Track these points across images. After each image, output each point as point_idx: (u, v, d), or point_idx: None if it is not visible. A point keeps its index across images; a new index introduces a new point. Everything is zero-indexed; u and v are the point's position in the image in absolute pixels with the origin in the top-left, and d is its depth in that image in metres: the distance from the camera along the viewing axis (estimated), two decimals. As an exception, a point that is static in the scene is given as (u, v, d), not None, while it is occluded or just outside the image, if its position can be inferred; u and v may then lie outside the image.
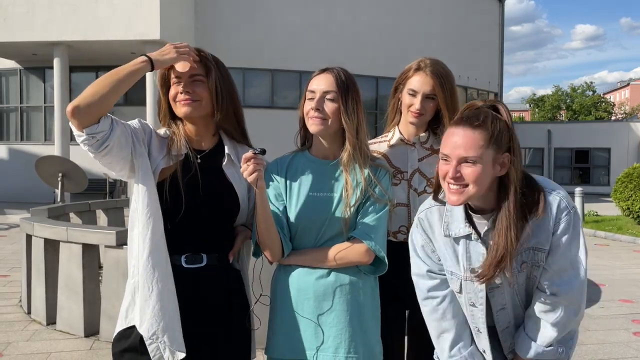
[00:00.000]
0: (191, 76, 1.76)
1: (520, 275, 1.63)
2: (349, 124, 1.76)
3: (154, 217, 1.68)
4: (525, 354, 1.66)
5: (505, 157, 1.54)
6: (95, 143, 1.59)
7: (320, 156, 1.85)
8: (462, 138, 1.52)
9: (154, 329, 1.67)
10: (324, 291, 1.75)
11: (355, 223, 1.78)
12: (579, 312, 1.64)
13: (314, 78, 1.82)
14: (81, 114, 1.55)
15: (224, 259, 1.82)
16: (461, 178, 1.51)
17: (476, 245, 1.63)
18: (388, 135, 2.19)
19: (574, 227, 1.57)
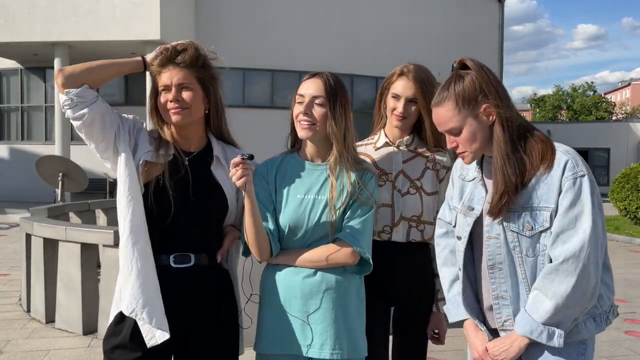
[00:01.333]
0: (180, 84, 1.80)
1: (523, 238, 1.62)
2: (336, 130, 1.82)
3: (134, 200, 1.75)
4: (519, 330, 1.62)
5: (485, 107, 1.63)
6: (74, 107, 1.71)
7: (309, 159, 1.91)
8: (437, 117, 1.70)
9: (132, 306, 1.73)
10: (310, 290, 1.81)
11: (342, 225, 1.84)
12: (583, 285, 1.53)
13: (303, 82, 1.88)
14: (65, 74, 1.72)
15: (212, 259, 1.88)
16: (458, 146, 1.69)
17: (480, 189, 1.75)
18: (374, 138, 2.25)
19: (579, 190, 1.55)
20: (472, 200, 1.76)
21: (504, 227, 1.64)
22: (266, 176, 1.90)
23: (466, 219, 1.75)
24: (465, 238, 1.75)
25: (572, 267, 1.53)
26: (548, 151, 1.60)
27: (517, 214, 1.61)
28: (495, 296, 1.71)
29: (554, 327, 1.57)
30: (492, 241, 1.68)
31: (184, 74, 1.80)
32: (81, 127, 1.74)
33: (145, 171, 1.81)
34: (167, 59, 1.80)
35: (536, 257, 1.63)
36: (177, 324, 1.78)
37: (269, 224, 1.83)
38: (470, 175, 1.80)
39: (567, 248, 1.54)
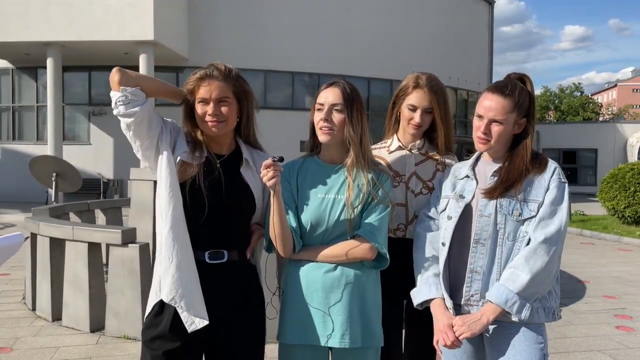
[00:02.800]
0: (218, 99, 1.92)
1: (509, 222, 1.92)
2: (353, 134, 1.95)
3: (175, 197, 1.87)
4: (494, 298, 1.87)
5: (523, 121, 1.99)
6: (127, 104, 1.83)
7: (328, 161, 2.04)
8: (494, 103, 1.94)
9: (172, 294, 1.85)
10: (331, 284, 1.94)
11: (360, 222, 1.97)
12: (552, 266, 1.87)
13: (322, 91, 2.00)
14: (124, 72, 1.86)
15: (242, 255, 2.00)
16: (489, 134, 1.96)
17: (470, 183, 2.05)
18: (387, 142, 2.41)
19: (561, 192, 1.93)
20: (463, 191, 2.06)
21: (497, 209, 1.94)
22: (288, 177, 2.03)
23: (458, 203, 2.04)
24: (456, 218, 2.02)
25: (547, 248, 1.87)
26: (544, 159, 2.01)
27: (510, 201, 1.94)
28: (471, 270, 1.97)
29: (524, 300, 1.86)
30: (483, 219, 1.97)
31: (222, 88, 1.93)
32: (131, 124, 1.86)
33: (180, 171, 1.93)
34: (205, 74, 1.93)
35: (514, 242, 1.93)
36: (213, 315, 1.90)
37: (292, 222, 1.96)
38: (462, 174, 2.11)
39: (546, 232, 1.88)
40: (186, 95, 1.97)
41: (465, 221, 2.01)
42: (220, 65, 1.97)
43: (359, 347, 1.94)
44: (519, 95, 1.95)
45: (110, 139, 16.80)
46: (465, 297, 1.98)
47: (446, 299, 1.99)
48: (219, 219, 1.94)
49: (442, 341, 1.94)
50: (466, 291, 1.98)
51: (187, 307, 1.86)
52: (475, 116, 2.00)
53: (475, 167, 2.09)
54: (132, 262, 4.29)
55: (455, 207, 2.04)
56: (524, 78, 2.02)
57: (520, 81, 2.01)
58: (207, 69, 1.95)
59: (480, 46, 22.59)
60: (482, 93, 2.02)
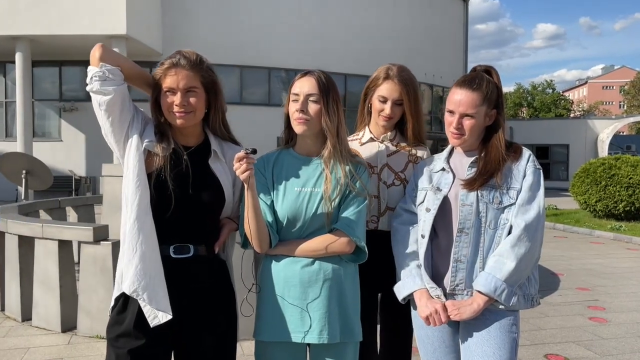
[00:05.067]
0: (185, 89, 1.85)
1: (490, 210, 1.96)
2: (330, 124, 1.91)
3: (142, 187, 1.81)
4: (483, 288, 1.89)
5: (494, 112, 2.02)
6: (104, 81, 1.78)
7: (304, 153, 2.00)
8: (464, 97, 1.97)
9: (134, 286, 1.79)
10: (309, 279, 1.90)
11: (338, 216, 1.93)
12: (535, 251, 1.91)
13: (297, 81, 1.96)
14: (106, 49, 1.81)
15: (210, 250, 1.94)
16: (462, 128, 1.99)
17: (447, 176, 2.07)
18: (359, 134, 2.40)
19: (537, 177, 1.98)
20: (440, 183, 2.08)
21: (478, 198, 1.97)
22: (263, 171, 1.98)
23: (435, 195, 2.05)
24: (434, 210, 2.02)
25: (530, 234, 1.90)
26: (518, 148, 2.06)
27: (491, 190, 1.97)
28: (455, 259, 1.98)
29: (511, 287, 1.90)
30: (465, 208, 1.98)
31: (190, 78, 1.86)
32: (103, 103, 1.79)
33: (147, 162, 1.86)
34: (172, 62, 1.86)
35: (495, 231, 1.96)
36: (178, 311, 1.84)
37: (268, 216, 1.91)
38: (437, 167, 2.13)
39: (527, 217, 1.92)
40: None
41: (444, 212, 2.03)
42: (189, 54, 1.89)
43: (338, 343, 1.91)
44: (487, 88, 1.99)
45: (82, 135, 16.46)
46: (450, 287, 2.00)
47: (434, 289, 1.99)
48: (185, 213, 1.88)
49: (433, 322, 1.96)
50: (451, 281, 2.00)
51: (150, 300, 1.79)
52: (447, 112, 2.02)
53: (450, 160, 2.12)
54: (104, 260, 4.18)
55: (434, 199, 2.04)
56: (490, 70, 2.06)
57: (487, 73, 2.05)
58: (174, 57, 1.87)
59: (456, 43, 22.78)
60: (451, 88, 2.04)
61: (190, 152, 1.94)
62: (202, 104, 1.92)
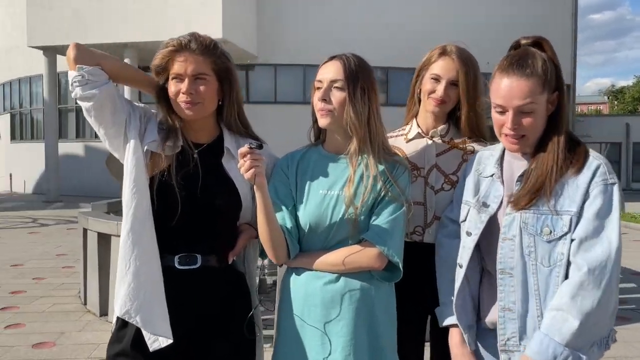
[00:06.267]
0: (194, 75, 1.66)
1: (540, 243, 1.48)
2: (354, 115, 1.62)
3: (139, 193, 1.62)
4: (537, 356, 1.41)
5: (555, 96, 1.53)
6: (84, 85, 1.60)
7: (333, 151, 1.73)
8: (516, 88, 1.48)
9: (126, 307, 1.61)
10: (331, 298, 1.63)
11: (369, 224, 1.64)
12: (607, 302, 1.40)
13: (321, 67, 1.69)
14: (81, 48, 1.61)
15: (223, 261, 1.73)
16: (520, 128, 1.50)
17: (497, 186, 1.61)
18: (406, 129, 2.04)
19: (609, 199, 1.44)
20: (487, 196, 1.62)
21: (521, 229, 1.50)
22: (286, 170, 1.74)
23: (479, 215, 1.61)
24: (476, 235, 1.61)
25: (598, 279, 1.39)
26: (582, 153, 1.51)
27: (536, 215, 1.49)
28: (502, 307, 1.55)
29: (577, 352, 1.40)
30: (506, 243, 1.53)
31: (200, 63, 1.66)
32: (91, 109, 1.63)
33: (150, 163, 1.68)
34: (181, 45, 1.66)
35: (552, 268, 1.48)
36: (181, 330, 1.64)
37: (287, 222, 1.66)
38: (487, 171, 1.66)
39: (591, 257, 1.41)
40: (159, 83, 1.70)
41: (491, 237, 1.59)
42: (202, 37, 1.69)
43: None
44: (543, 67, 1.49)
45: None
46: (501, 342, 1.55)
47: (466, 337, 1.63)
48: (193, 219, 1.67)
49: None
50: (500, 334, 1.55)
51: (144, 323, 1.60)
52: (494, 107, 1.54)
53: (504, 161, 1.64)
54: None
55: (476, 220, 1.61)
56: (540, 41, 1.57)
57: (535, 46, 1.56)
58: (183, 39, 1.66)
59: (563, 36, 21.04)
60: (494, 74, 1.54)
61: (201, 151, 1.73)
62: (213, 94, 1.70)
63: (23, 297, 5.51)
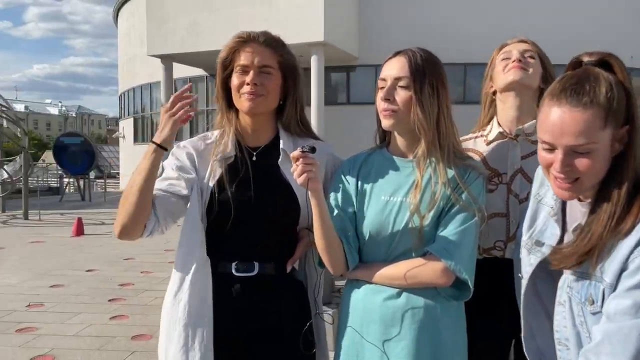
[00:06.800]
0: (260, 66, 1.61)
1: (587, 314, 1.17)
2: (422, 116, 1.47)
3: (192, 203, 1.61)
4: None
5: (624, 131, 1.16)
6: (157, 234, 1.60)
7: (398, 154, 1.58)
8: (569, 121, 1.13)
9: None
10: (392, 315, 1.48)
11: (435, 235, 1.48)
12: None
13: (385, 63, 1.56)
14: (128, 235, 1.56)
15: (280, 268, 1.65)
16: (572, 171, 1.16)
17: (553, 225, 1.30)
18: (486, 129, 1.83)
19: None
20: (543, 233, 1.33)
21: (568, 295, 1.22)
22: (347, 174, 1.62)
23: (530, 256, 1.34)
24: (526, 280, 1.34)
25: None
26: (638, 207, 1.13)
27: (581, 280, 1.19)
28: None
29: None
30: (559, 308, 1.26)
31: (266, 55, 1.62)
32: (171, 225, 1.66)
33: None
34: (249, 37, 1.63)
35: None
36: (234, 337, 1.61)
37: (346, 230, 1.54)
38: (547, 200, 1.35)
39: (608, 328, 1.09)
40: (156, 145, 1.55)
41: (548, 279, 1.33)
42: (269, 33, 1.66)
43: None
44: (608, 94, 1.13)
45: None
46: None
47: None
48: (248, 225, 1.61)
49: None
50: None
51: None
52: (540, 144, 1.21)
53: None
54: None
55: (526, 262, 1.36)
56: (609, 60, 1.20)
57: (601, 66, 1.19)
58: (252, 32, 1.64)
59: None
60: (543, 101, 1.20)
61: (259, 153, 1.68)
62: (277, 89, 1.65)
63: (130, 289, 5.89)
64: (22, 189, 13.00)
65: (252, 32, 1.64)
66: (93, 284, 6.19)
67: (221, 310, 1.60)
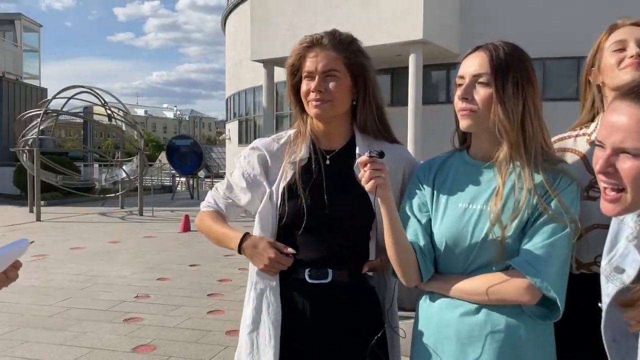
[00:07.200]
0: (324, 72, 1.56)
1: None
2: (504, 116, 1.33)
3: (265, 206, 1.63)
4: None
5: None
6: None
7: (479, 157, 1.46)
8: (623, 118, 1.02)
9: None
10: (469, 333, 1.36)
11: (519, 248, 1.34)
12: None
13: (463, 60, 1.44)
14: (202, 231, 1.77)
15: (355, 276, 1.59)
16: (615, 175, 1.03)
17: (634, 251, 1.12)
18: (589, 127, 1.63)
19: None
20: (624, 258, 1.14)
21: None
22: (422, 179, 1.52)
23: (607, 284, 1.16)
24: (605, 312, 1.16)
25: None
26: None
27: None
28: None
29: None
30: None
31: (331, 59, 1.57)
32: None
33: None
34: (313, 41, 1.59)
35: None
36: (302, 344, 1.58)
37: (420, 239, 1.44)
38: (628, 220, 1.16)
39: None
40: (240, 243, 1.64)
41: None
42: (337, 32, 1.60)
43: None
44: None
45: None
46: None
47: None
48: (322, 231, 1.57)
49: None
50: None
51: None
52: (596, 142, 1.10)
53: None
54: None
55: (605, 290, 1.19)
56: None
57: None
58: (316, 35, 1.59)
59: None
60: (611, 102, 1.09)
61: (333, 157, 1.63)
62: (345, 92, 1.59)
63: (228, 285, 6.12)
64: (138, 187, 14.10)
65: (316, 35, 1.60)
66: (195, 278, 6.51)
67: (292, 317, 1.58)
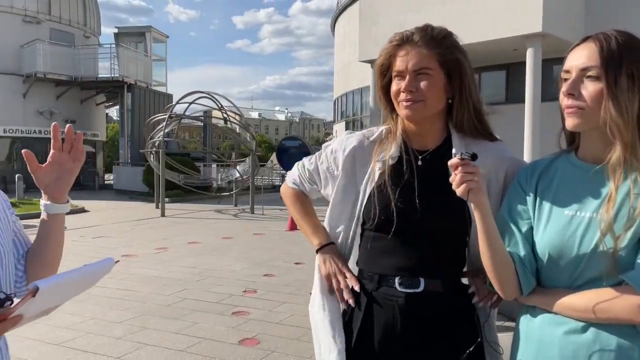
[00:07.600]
0: (415, 70, 1.48)
1: None
2: (616, 114, 1.18)
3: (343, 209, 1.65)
4: None
5: None
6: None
7: (589, 160, 1.31)
8: None
9: None
10: (573, 353, 1.22)
11: (634, 261, 1.18)
12: None
13: (570, 52, 1.30)
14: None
15: (449, 286, 1.50)
16: None
17: None
18: None
19: None
20: None
21: None
22: (524, 183, 1.39)
23: None
24: None
25: None
26: None
27: None
28: None
29: None
30: None
31: (423, 56, 1.48)
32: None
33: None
34: (403, 39, 1.52)
35: None
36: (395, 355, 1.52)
37: (520, 249, 1.32)
38: None
39: None
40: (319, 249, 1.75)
41: None
42: (429, 28, 1.51)
43: None
44: None
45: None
46: None
47: None
48: (413, 236, 1.49)
49: None
50: None
51: None
52: None
53: None
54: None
55: None
56: None
57: None
58: (407, 32, 1.51)
59: None
60: None
61: (425, 158, 1.55)
62: (438, 91, 1.49)
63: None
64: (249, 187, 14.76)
65: (406, 32, 1.52)
66: (300, 276, 6.66)
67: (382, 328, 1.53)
